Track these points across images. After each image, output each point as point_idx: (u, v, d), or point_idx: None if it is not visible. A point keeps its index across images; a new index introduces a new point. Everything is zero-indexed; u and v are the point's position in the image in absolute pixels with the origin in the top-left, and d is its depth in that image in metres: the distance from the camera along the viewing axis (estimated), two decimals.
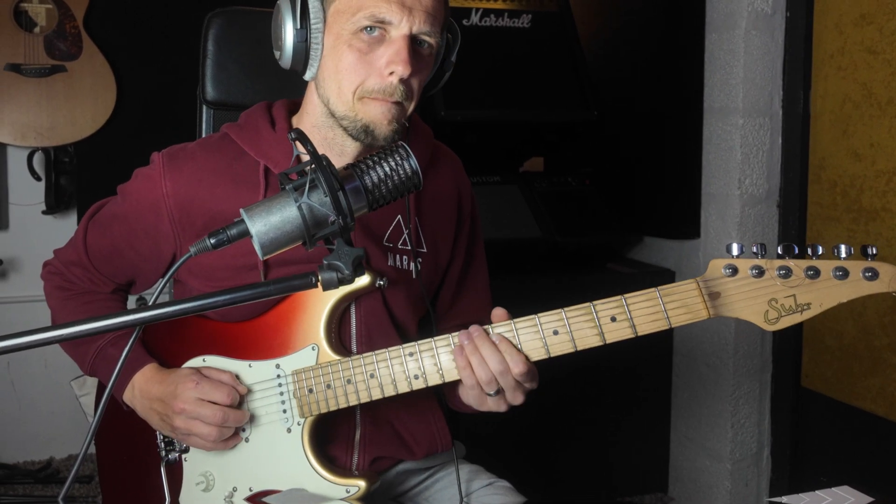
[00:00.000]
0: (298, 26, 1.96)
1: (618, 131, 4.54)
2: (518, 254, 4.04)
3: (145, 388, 2.09)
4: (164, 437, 2.14)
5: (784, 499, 1.63)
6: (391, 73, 1.93)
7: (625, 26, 4.64)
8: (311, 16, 1.96)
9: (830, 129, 3.72)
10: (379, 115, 1.98)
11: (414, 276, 2.21)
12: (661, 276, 4.28)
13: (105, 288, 2.28)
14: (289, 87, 2.51)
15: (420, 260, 2.22)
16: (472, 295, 2.41)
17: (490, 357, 1.87)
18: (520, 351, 1.89)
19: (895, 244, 3.40)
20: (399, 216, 2.20)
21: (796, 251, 1.78)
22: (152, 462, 2.15)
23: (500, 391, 1.92)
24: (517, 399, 1.94)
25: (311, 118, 2.13)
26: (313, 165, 1.55)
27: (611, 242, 4.38)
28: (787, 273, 1.77)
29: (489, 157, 4.33)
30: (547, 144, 4.66)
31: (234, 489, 2.08)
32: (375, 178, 1.60)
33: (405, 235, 2.20)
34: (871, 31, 3.50)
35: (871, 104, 3.50)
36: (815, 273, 1.76)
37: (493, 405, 1.98)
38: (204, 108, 2.74)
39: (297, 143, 1.62)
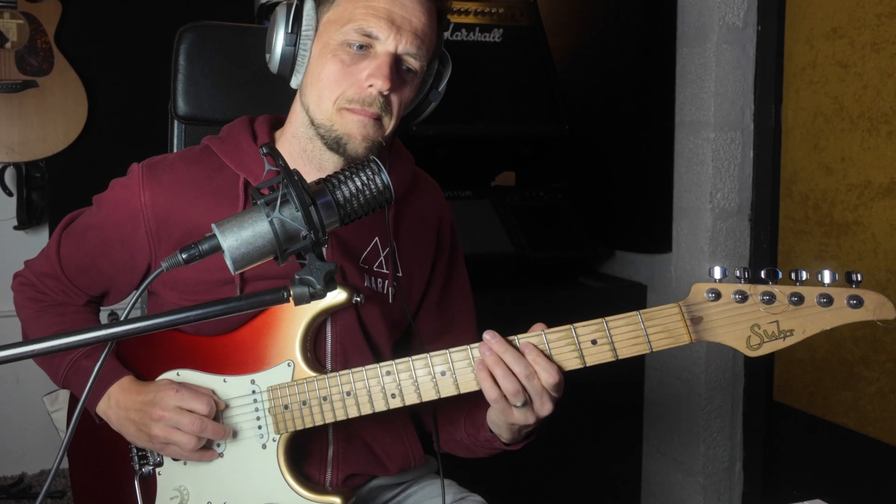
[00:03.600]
0: (289, 30, 1.98)
1: (589, 145, 4.55)
2: (490, 268, 4.03)
3: (122, 399, 2.08)
4: (138, 450, 2.12)
5: None
6: (370, 86, 1.94)
7: (596, 40, 4.65)
8: (304, 23, 1.99)
9: (802, 142, 3.73)
10: (354, 130, 1.98)
11: (390, 301, 2.20)
12: (633, 290, 4.28)
13: (78, 300, 2.27)
14: (260, 102, 2.51)
15: (396, 284, 2.21)
16: (456, 325, 2.38)
17: (515, 363, 1.84)
18: (548, 357, 1.86)
19: (866, 258, 3.41)
20: (377, 238, 2.19)
21: (779, 276, 1.76)
22: (126, 476, 2.14)
23: (527, 402, 1.87)
24: (545, 408, 1.88)
25: (292, 128, 2.13)
26: (285, 180, 1.55)
27: (583, 257, 4.38)
28: (770, 299, 1.76)
29: (461, 171, 4.32)
30: (519, 159, 4.66)
31: None
32: (347, 193, 1.60)
33: (381, 259, 2.20)
34: (843, 44, 3.51)
35: (843, 118, 3.52)
36: (799, 299, 1.74)
37: (521, 418, 1.90)
38: (175, 122, 2.74)
39: (269, 158, 1.62)
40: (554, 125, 4.26)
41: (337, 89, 1.97)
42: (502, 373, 1.84)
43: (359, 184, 1.61)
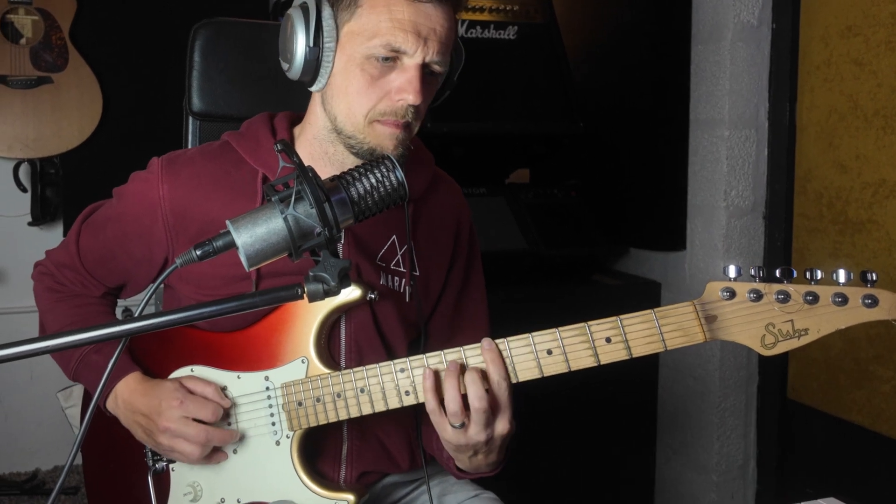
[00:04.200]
0: (312, 44, 1.95)
1: (604, 143, 4.54)
2: (504, 265, 4.02)
3: (129, 400, 2.08)
4: None
5: None
6: (400, 99, 1.94)
7: (611, 38, 4.64)
8: (325, 34, 1.95)
9: (816, 140, 3.72)
10: (387, 141, 1.99)
11: (407, 300, 2.20)
12: (647, 288, 4.28)
13: (95, 291, 2.28)
14: (276, 99, 2.50)
15: (413, 283, 2.21)
16: (468, 327, 2.35)
17: (469, 385, 1.84)
18: (482, 383, 1.85)
19: (881, 256, 3.40)
20: (394, 237, 2.19)
21: (794, 275, 1.74)
22: (139, 472, 2.14)
23: (464, 424, 1.87)
24: (477, 432, 1.88)
25: (312, 129, 2.12)
26: (299, 177, 1.54)
27: (597, 254, 4.37)
28: (785, 298, 1.74)
29: (475, 168, 4.32)
30: (533, 156, 4.65)
31: (222, 500, 2.07)
32: (361, 190, 1.60)
33: (398, 257, 2.19)
34: (858, 42, 3.50)
35: (857, 116, 3.51)
36: (813, 298, 1.72)
37: (452, 436, 1.90)
38: (190, 119, 2.74)
39: (283, 155, 1.62)
40: (568, 123, 4.25)
41: (367, 103, 1.96)
42: (451, 387, 1.86)
43: (373, 181, 1.61)
